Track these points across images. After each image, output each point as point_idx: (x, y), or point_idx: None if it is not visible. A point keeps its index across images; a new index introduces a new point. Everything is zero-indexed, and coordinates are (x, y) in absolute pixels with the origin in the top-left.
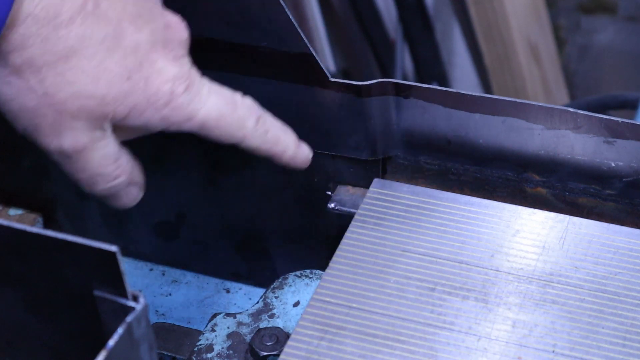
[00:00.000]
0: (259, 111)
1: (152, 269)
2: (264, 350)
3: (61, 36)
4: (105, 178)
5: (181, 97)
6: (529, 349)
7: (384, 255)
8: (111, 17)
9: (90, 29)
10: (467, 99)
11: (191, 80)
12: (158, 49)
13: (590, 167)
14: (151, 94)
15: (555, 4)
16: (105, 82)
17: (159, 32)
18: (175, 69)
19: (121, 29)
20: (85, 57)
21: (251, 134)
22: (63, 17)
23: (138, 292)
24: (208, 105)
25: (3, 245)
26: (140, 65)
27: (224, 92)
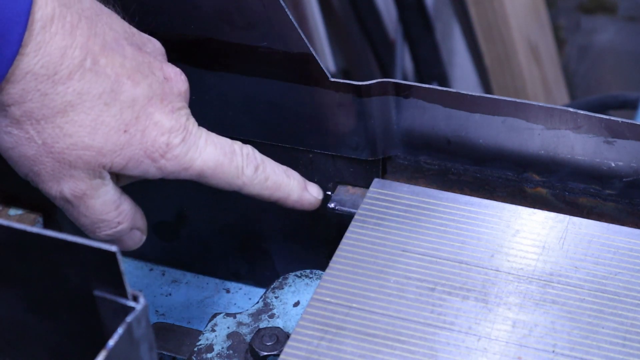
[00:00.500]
0: (258, 159)
1: (152, 269)
2: (264, 350)
3: (59, 92)
4: (108, 224)
5: (177, 149)
6: (529, 349)
7: (384, 255)
8: (109, 74)
9: (88, 85)
10: (467, 99)
11: (188, 131)
12: (155, 103)
13: (590, 167)
14: (148, 146)
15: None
16: (102, 135)
17: (156, 85)
18: (172, 121)
19: (119, 84)
20: (82, 111)
21: (250, 182)
22: (62, 74)
23: (138, 292)
24: (205, 156)
25: (3, 245)
26: (137, 118)
27: (221, 141)
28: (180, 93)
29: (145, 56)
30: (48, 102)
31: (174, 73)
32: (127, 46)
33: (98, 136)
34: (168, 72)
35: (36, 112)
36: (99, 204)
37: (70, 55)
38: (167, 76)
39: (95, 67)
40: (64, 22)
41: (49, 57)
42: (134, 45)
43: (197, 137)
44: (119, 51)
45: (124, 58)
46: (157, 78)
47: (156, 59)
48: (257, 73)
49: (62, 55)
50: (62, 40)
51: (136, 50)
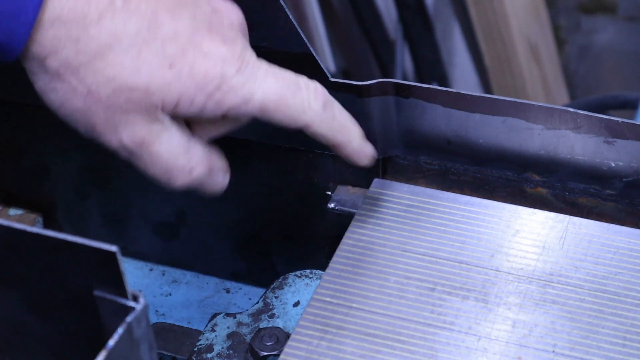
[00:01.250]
0: (326, 95)
1: (152, 269)
2: (264, 350)
3: (92, 35)
4: (180, 172)
5: (234, 79)
6: (529, 349)
7: (384, 255)
8: (144, 10)
9: (122, 25)
10: (467, 99)
11: (244, 61)
12: (202, 33)
13: (590, 167)
14: (199, 79)
15: (555, 4)
16: (146, 73)
17: (202, 17)
18: (224, 50)
19: (156, 20)
20: (120, 51)
21: (318, 118)
22: (91, 17)
23: (138, 292)
24: (265, 87)
25: (3, 245)
26: (183, 51)
27: (284, 74)
28: (233, 25)
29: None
30: (83, 47)
31: (224, 5)
32: None
33: (142, 75)
34: (217, 4)
35: (73, 60)
36: (164, 150)
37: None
38: (215, 8)
39: (127, 4)
40: None
41: (74, 1)
42: None
43: (255, 67)
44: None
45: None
46: (203, 10)
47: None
48: None
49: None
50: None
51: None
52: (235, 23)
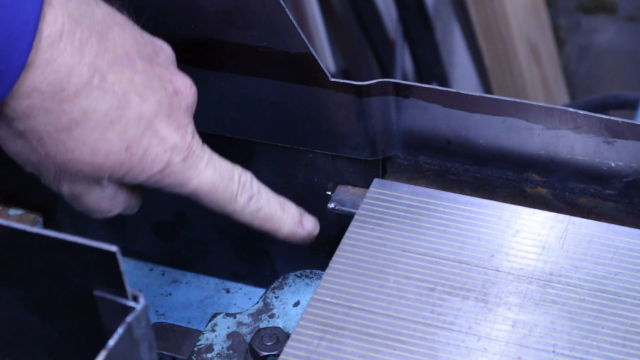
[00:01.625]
0: (254, 189)
1: (152, 269)
2: (264, 350)
3: (65, 109)
4: (100, 212)
5: (177, 166)
6: (529, 349)
7: (384, 255)
8: (117, 90)
9: (94, 103)
10: (467, 99)
11: (191, 150)
12: (162, 119)
13: (590, 167)
14: (147, 162)
15: (555, 4)
16: (103, 153)
17: (165, 101)
18: (177, 138)
19: (126, 101)
20: (87, 129)
21: (241, 210)
22: (68, 92)
23: (138, 292)
24: (202, 177)
25: (3, 245)
26: (142, 135)
27: (222, 166)
28: (188, 107)
29: (156, 69)
30: (53, 119)
31: (184, 85)
32: (138, 60)
33: (100, 154)
34: (178, 84)
35: (40, 128)
36: (93, 199)
37: (78, 73)
38: (177, 89)
39: (103, 85)
40: (73, 38)
41: (55, 74)
42: (145, 57)
43: (198, 158)
44: (129, 66)
45: (133, 73)
46: (167, 92)
47: (167, 70)
48: (257, 73)
49: (70, 73)
50: (70, 58)
51: (147, 63)
52: (190, 104)
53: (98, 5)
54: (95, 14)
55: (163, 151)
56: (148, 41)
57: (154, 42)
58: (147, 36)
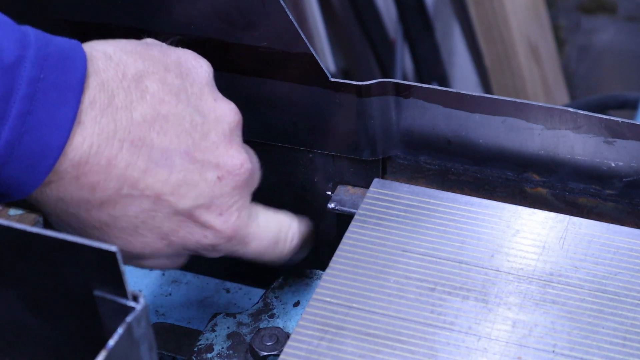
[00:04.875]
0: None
1: (152, 269)
2: (264, 350)
3: (92, 215)
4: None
5: (222, 246)
6: (529, 349)
7: (384, 255)
8: (148, 195)
9: (123, 209)
10: (467, 99)
11: (236, 232)
12: (201, 210)
13: (590, 167)
14: (189, 246)
15: (555, 4)
16: (139, 246)
17: (206, 191)
18: (219, 223)
19: (160, 202)
20: (117, 230)
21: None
22: (93, 203)
23: (138, 292)
24: (251, 248)
25: (3, 245)
26: (178, 227)
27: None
28: (236, 187)
29: (196, 163)
30: (82, 222)
31: (232, 166)
32: (177, 157)
33: (135, 247)
34: (225, 167)
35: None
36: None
37: (103, 188)
38: (221, 175)
39: (132, 192)
40: (101, 157)
41: (79, 191)
42: (186, 151)
43: (244, 233)
44: (165, 167)
45: (169, 173)
46: (208, 182)
47: (213, 153)
48: (257, 73)
49: (94, 189)
50: (95, 176)
51: (187, 158)
52: (240, 183)
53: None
54: (135, 114)
55: (203, 237)
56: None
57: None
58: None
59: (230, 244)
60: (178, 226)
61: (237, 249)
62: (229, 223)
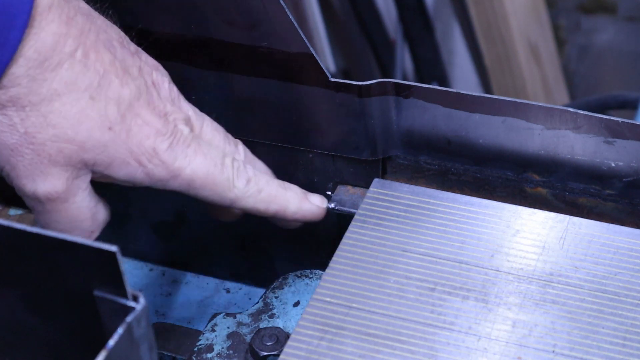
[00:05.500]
0: (249, 172)
1: (152, 269)
2: (264, 350)
3: (47, 78)
4: (82, 233)
5: (164, 154)
6: (529, 349)
7: (384, 255)
8: (98, 68)
9: (76, 75)
10: (467, 99)
11: (176, 137)
12: (142, 104)
13: (590, 167)
14: (133, 147)
15: (555, 4)
16: (85, 129)
17: (144, 89)
18: (159, 124)
19: (106, 80)
20: (68, 102)
21: (242, 194)
22: (52, 61)
23: (138, 292)
24: (194, 165)
25: (3, 245)
26: (123, 117)
27: (212, 152)
28: (168, 98)
29: (136, 60)
30: (36, 88)
31: (161, 80)
32: (119, 48)
33: (82, 130)
34: (157, 78)
35: (23, 98)
36: (74, 209)
37: (63, 44)
38: (155, 81)
39: (85, 60)
40: (61, 12)
41: (42, 43)
42: (125, 48)
43: (185, 145)
44: (110, 49)
45: (114, 57)
46: (145, 82)
47: (147, 64)
48: (257, 73)
49: (56, 43)
50: (57, 28)
51: (127, 53)
52: (174, 96)
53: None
54: (81, 2)
55: (146, 137)
56: (130, 42)
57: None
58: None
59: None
60: (123, 116)
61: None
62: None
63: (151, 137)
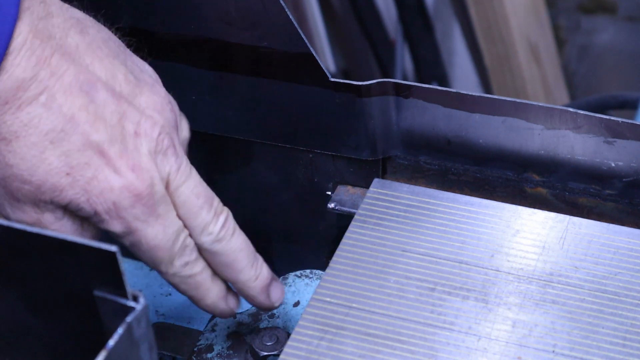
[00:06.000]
0: (193, 255)
1: (152, 269)
2: (264, 350)
3: (6, 120)
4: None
5: (124, 212)
6: (529, 349)
7: (384, 255)
8: (64, 113)
9: (36, 120)
10: (467, 99)
11: (143, 197)
12: (115, 153)
13: (590, 167)
14: (92, 196)
15: (555, 4)
16: (41, 174)
17: (119, 137)
18: (132, 177)
19: (73, 125)
20: (25, 145)
21: (173, 272)
22: (12, 104)
23: (138, 292)
24: (148, 232)
25: (3, 245)
26: (87, 165)
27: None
28: (156, 152)
29: (122, 105)
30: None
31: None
32: (103, 91)
33: (38, 173)
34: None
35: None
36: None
37: (26, 88)
38: (138, 131)
39: (50, 104)
40: (31, 55)
41: (3, 85)
42: (112, 92)
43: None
44: (87, 93)
45: (89, 102)
46: (125, 130)
47: (137, 111)
48: (257, 73)
49: (18, 87)
50: (22, 73)
51: (112, 97)
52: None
53: (82, 34)
54: (69, 39)
55: (109, 189)
56: (132, 80)
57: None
58: (137, 70)
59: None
60: (86, 163)
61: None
62: (143, 184)
63: (115, 191)
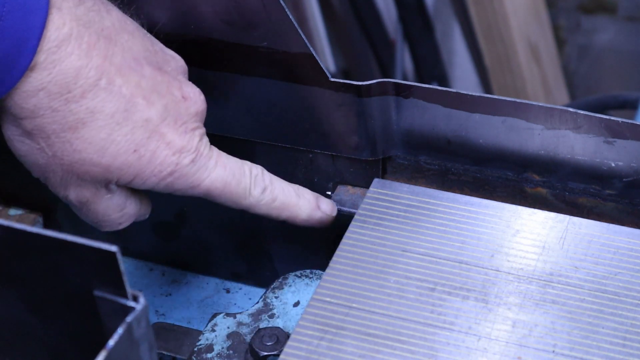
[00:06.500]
0: (266, 181)
1: (152, 269)
2: (264, 350)
3: (71, 109)
4: (111, 224)
5: (186, 168)
6: (529, 349)
7: (384, 255)
8: (124, 93)
9: (101, 104)
10: (467, 99)
11: (199, 152)
12: (169, 123)
13: (590, 167)
14: (156, 165)
15: (555, 4)
16: (110, 154)
17: (172, 105)
18: (184, 141)
19: (133, 104)
20: (93, 129)
21: (257, 202)
22: (75, 92)
23: (138, 292)
24: (213, 176)
25: (3, 245)
26: (149, 138)
27: (231, 163)
28: (197, 113)
29: (164, 76)
30: (59, 119)
31: (192, 93)
32: (146, 66)
33: (107, 154)
34: (187, 91)
35: (47, 127)
36: (102, 208)
37: (85, 75)
38: (185, 96)
39: (110, 87)
40: (81, 42)
41: (62, 75)
42: (153, 64)
43: (207, 158)
44: (136, 70)
45: (141, 77)
46: (174, 98)
47: (175, 79)
48: (257, 73)
49: (77, 75)
50: (77, 60)
51: (155, 69)
52: (199, 111)
53: (109, 13)
54: (105, 20)
55: (171, 154)
56: (159, 50)
57: (165, 51)
58: (159, 45)
59: (192, 167)
60: (149, 137)
61: (198, 179)
62: (193, 143)
63: (175, 155)
